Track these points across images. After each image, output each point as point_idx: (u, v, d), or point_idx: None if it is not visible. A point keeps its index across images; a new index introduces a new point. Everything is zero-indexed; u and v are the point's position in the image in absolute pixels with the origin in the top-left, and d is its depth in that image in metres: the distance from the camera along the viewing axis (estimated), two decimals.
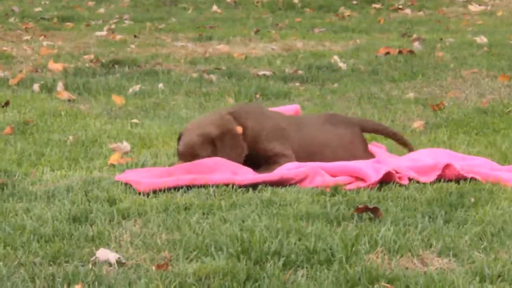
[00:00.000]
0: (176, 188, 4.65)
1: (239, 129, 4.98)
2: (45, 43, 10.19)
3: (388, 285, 3.41)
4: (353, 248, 3.74)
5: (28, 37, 10.64)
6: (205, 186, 4.66)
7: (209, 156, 4.88)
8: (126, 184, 4.72)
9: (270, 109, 5.62)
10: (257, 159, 4.99)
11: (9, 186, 4.67)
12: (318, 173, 4.80)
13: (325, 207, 4.31)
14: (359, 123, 5.33)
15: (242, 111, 5.08)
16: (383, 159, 5.08)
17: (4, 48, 9.65)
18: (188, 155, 4.91)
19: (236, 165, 4.88)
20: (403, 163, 4.97)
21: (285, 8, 13.50)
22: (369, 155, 5.17)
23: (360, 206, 4.25)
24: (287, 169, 4.87)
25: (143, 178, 4.74)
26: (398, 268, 3.61)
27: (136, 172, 4.91)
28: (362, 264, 3.60)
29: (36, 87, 7.60)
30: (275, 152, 5.02)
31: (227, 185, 4.67)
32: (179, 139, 5.01)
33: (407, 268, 3.63)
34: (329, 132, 5.16)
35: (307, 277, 3.51)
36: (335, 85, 7.88)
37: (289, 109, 5.96)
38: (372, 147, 5.50)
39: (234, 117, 5.02)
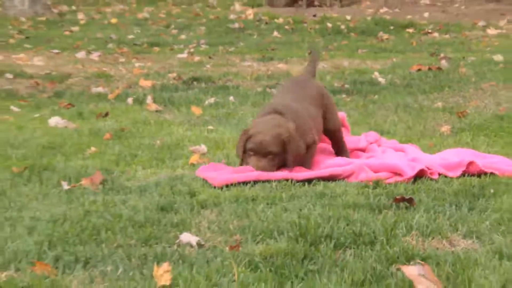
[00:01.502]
0: (245, 183, 4.65)
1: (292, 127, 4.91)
2: (137, 64, 10.28)
3: (422, 262, 3.38)
4: (392, 232, 3.72)
5: (123, 60, 10.73)
6: (268, 181, 4.67)
7: (279, 153, 4.82)
8: (204, 179, 4.74)
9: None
10: None
11: (109, 182, 4.71)
12: (362, 170, 4.77)
13: (368, 198, 4.29)
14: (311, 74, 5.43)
15: (288, 113, 4.96)
16: (418, 157, 5.05)
17: (104, 69, 9.75)
18: (262, 151, 4.83)
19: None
20: (434, 161, 4.94)
21: (334, 33, 13.45)
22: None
23: (397, 197, 4.22)
24: (336, 166, 4.84)
25: (218, 173, 4.75)
26: (430, 249, 3.58)
27: (212, 166, 4.90)
28: (400, 245, 3.58)
29: (130, 100, 7.66)
30: (311, 142, 4.95)
31: (286, 180, 4.67)
32: (246, 138, 4.89)
33: (437, 248, 3.60)
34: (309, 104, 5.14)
35: (354, 256, 3.50)
36: (376, 96, 7.83)
37: None
38: (409, 146, 5.46)
39: (286, 119, 4.93)
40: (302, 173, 4.75)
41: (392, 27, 13.71)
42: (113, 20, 15.12)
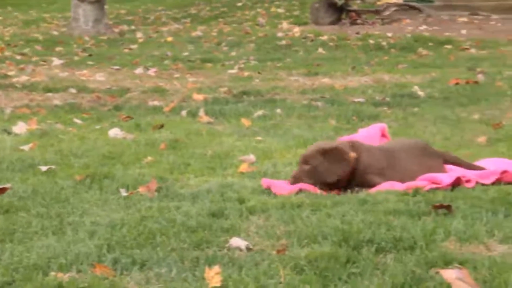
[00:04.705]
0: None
1: (352, 155, 4.73)
2: (190, 79, 10.31)
3: (460, 266, 3.33)
4: (431, 237, 3.67)
5: (178, 75, 10.78)
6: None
7: (317, 165, 4.73)
8: (252, 187, 4.73)
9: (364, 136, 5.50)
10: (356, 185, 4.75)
11: (164, 189, 4.73)
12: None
13: (408, 205, 4.24)
14: (442, 156, 5.07)
15: (359, 144, 4.84)
16: (456, 169, 5.00)
17: (160, 84, 9.80)
18: (302, 162, 4.79)
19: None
20: (471, 171, 4.89)
21: (375, 49, 13.37)
22: None
23: (436, 204, 4.17)
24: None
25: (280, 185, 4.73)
26: (467, 253, 3.52)
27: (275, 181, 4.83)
28: (439, 250, 3.53)
29: (183, 113, 7.69)
30: (371, 183, 4.73)
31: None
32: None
33: (474, 253, 3.54)
34: (420, 165, 4.88)
35: (394, 260, 3.46)
36: (415, 109, 7.76)
37: (377, 127, 5.89)
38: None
39: (352, 146, 4.80)
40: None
41: (431, 44, 13.58)
42: (169, 39, 15.22)
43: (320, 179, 4.71)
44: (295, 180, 4.75)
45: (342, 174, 4.71)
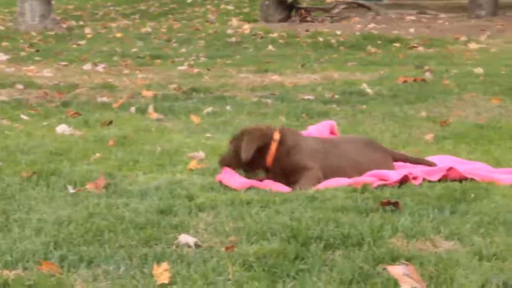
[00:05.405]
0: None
1: (277, 136, 4.80)
2: (139, 75, 10.25)
3: (407, 262, 3.37)
4: (379, 234, 3.71)
5: (127, 71, 10.71)
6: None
7: (238, 145, 4.77)
8: (201, 184, 4.72)
9: (312, 131, 5.55)
10: (287, 173, 4.75)
11: (112, 186, 4.70)
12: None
13: (356, 202, 4.27)
14: (391, 153, 5.11)
15: (288, 130, 4.91)
16: (404, 165, 5.05)
17: (109, 80, 9.72)
18: (229, 143, 4.90)
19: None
20: (418, 168, 4.95)
21: (325, 47, 13.44)
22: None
23: (384, 201, 4.21)
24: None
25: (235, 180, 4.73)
26: (414, 249, 3.57)
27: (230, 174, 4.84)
28: (386, 246, 3.56)
29: (132, 109, 7.64)
30: (302, 165, 4.76)
31: None
32: None
33: (421, 249, 3.59)
34: (365, 157, 4.91)
35: (342, 256, 3.48)
36: (364, 106, 7.82)
37: (326, 124, 5.91)
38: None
39: (279, 130, 4.86)
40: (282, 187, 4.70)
41: (379, 42, 13.70)
42: (118, 35, 15.11)
43: (239, 156, 4.75)
44: (222, 160, 4.84)
45: (254, 148, 4.72)
